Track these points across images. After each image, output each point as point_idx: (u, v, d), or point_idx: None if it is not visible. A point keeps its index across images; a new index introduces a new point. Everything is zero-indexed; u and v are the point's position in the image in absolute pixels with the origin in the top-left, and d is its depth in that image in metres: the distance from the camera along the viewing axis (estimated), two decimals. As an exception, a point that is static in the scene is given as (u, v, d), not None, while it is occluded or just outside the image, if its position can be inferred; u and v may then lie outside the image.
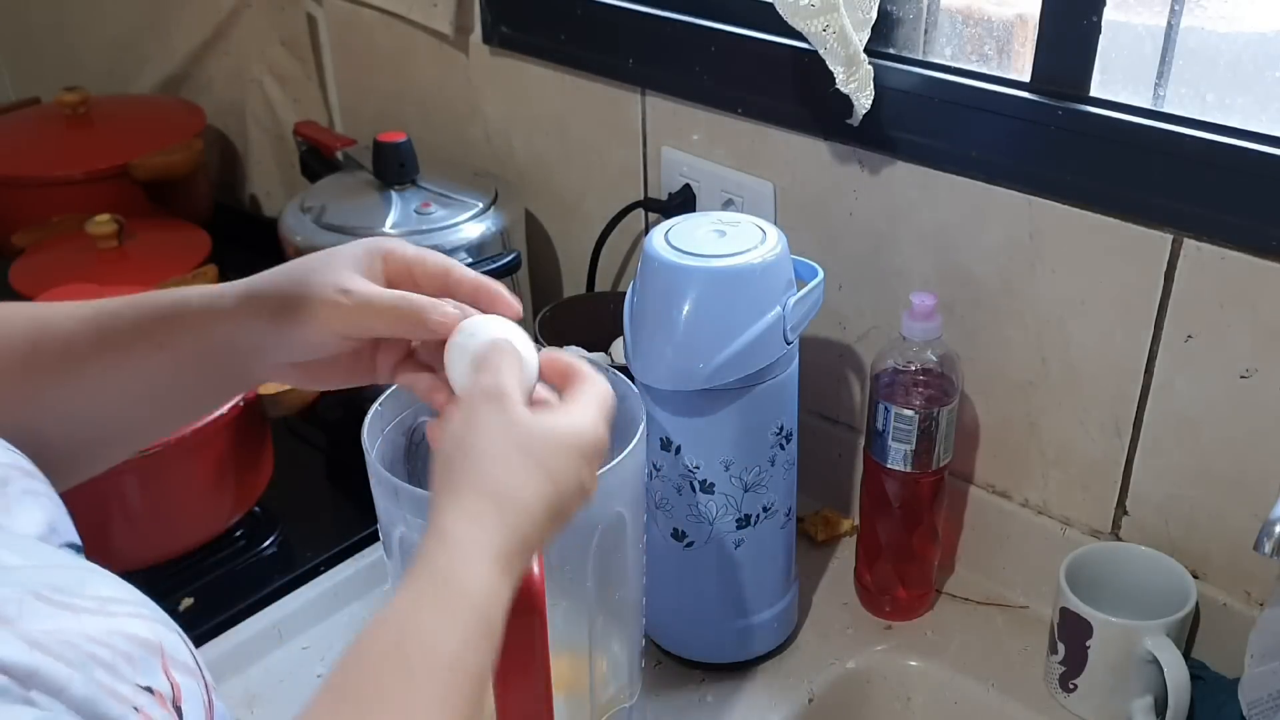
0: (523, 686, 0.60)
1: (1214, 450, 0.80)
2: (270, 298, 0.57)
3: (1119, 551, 0.85)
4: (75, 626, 0.40)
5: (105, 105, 1.48)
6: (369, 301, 0.56)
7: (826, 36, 0.81)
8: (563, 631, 0.70)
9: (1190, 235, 0.76)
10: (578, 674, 0.74)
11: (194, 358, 0.58)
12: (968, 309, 0.89)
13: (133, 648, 0.41)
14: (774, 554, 0.86)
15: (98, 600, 0.42)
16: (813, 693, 0.87)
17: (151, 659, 0.42)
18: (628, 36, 1.03)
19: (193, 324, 0.58)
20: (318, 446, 1.19)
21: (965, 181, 0.85)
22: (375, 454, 0.68)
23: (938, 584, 0.95)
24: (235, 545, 1.01)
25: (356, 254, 0.58)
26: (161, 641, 0.43)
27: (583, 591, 0.71)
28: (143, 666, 0.41)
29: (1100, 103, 0.78)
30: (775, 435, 0.82)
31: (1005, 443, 0.92)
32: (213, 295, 0.58)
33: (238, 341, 0.58)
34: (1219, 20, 0.78)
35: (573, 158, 1.15)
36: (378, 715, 0.43)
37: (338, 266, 0.57)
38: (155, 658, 0.42)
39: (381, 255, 0.58)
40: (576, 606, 0.72)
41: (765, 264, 0.76)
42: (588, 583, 0.70)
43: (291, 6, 1.40)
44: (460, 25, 1.18)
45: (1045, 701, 0.85)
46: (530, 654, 0.59)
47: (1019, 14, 0.85)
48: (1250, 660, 0.73)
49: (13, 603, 0.39)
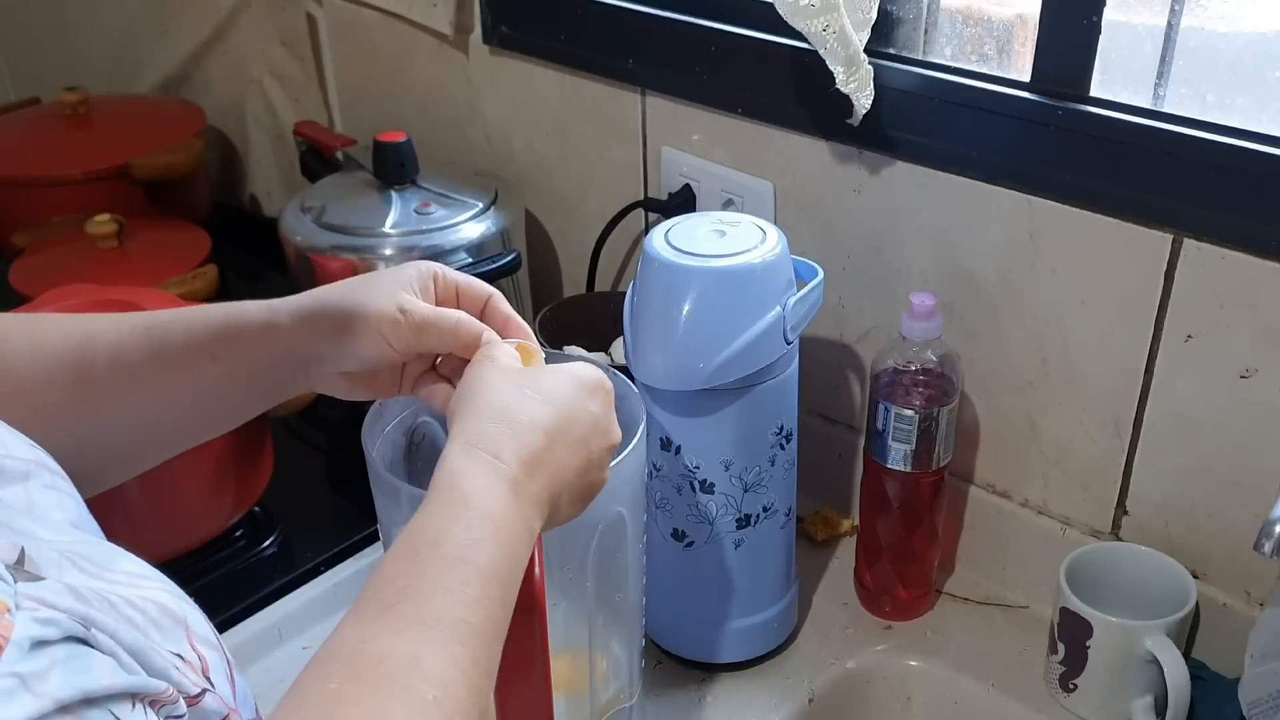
0: (523, 686, 0.60)
1: (1214, 450, 0.80)
2: (333, 315, 0.61)
3: (1119, 551, 0.85)
4: (110, 590, 0.41)
5: (105, 105, 1.48)
6: (428, 321, 0.60)
7: (826, 36, 0.81)
8: (563, 631, 0.70)
9: (1190, 235, 0.76)
10: (578, 674, 0.74)
11: (248, 370, 0.62)
12: (968, 309, 0.89)
13: (162, 617, 0.42)
14: (774, 554, 0.86)
15: (125, 574, 0.44)
16: (813, 693, 0.87)
17: (178, 630, 0.43)
18: (628, 36, 1.03)
19: (251, 339, 0.61)
20: (318, 446, 1.19)
21: (965, 181, 0.85)
22: (375, 454, 0.68)
23: (938, 584, 0.95)
24: (235, 545, 1.01)
25: (410, 275, 0.62)
26: (187, 616, 0.44)
27: (583, 591, 0.71)
28: (171, 635, 0.42)
29: (1100, 102, 0.78)
30: (775, 435, 0.82)
31: (1005, 442, 0.92)
32: (270, 310, 0.62)
33: (294, 355, 0.62)
34: (1219, 20, 0.78)
35: (573, 158, 1.15)
36: (401, 605, 0.47)
37: (395, 287, 0.61)
38: (181, 629, 0.43)
39: (432, 277, 0.63)
40: (577, 606, 0.72)
41: (765, 264, 0.76)
42: (588, 582, 0.70)
43: (291, 6, 1.40)
44: (460, 25, 1.18)
45: (1045, 701, 0.85)
46: (531, 653, 0.59)
47: (1019, 14, 0.85)
48: (1250, 660, 0.73)
49: (52, 564, 0.40)
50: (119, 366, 0.61)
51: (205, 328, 0.61)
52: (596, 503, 0.60)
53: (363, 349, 0.60)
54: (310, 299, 0.62)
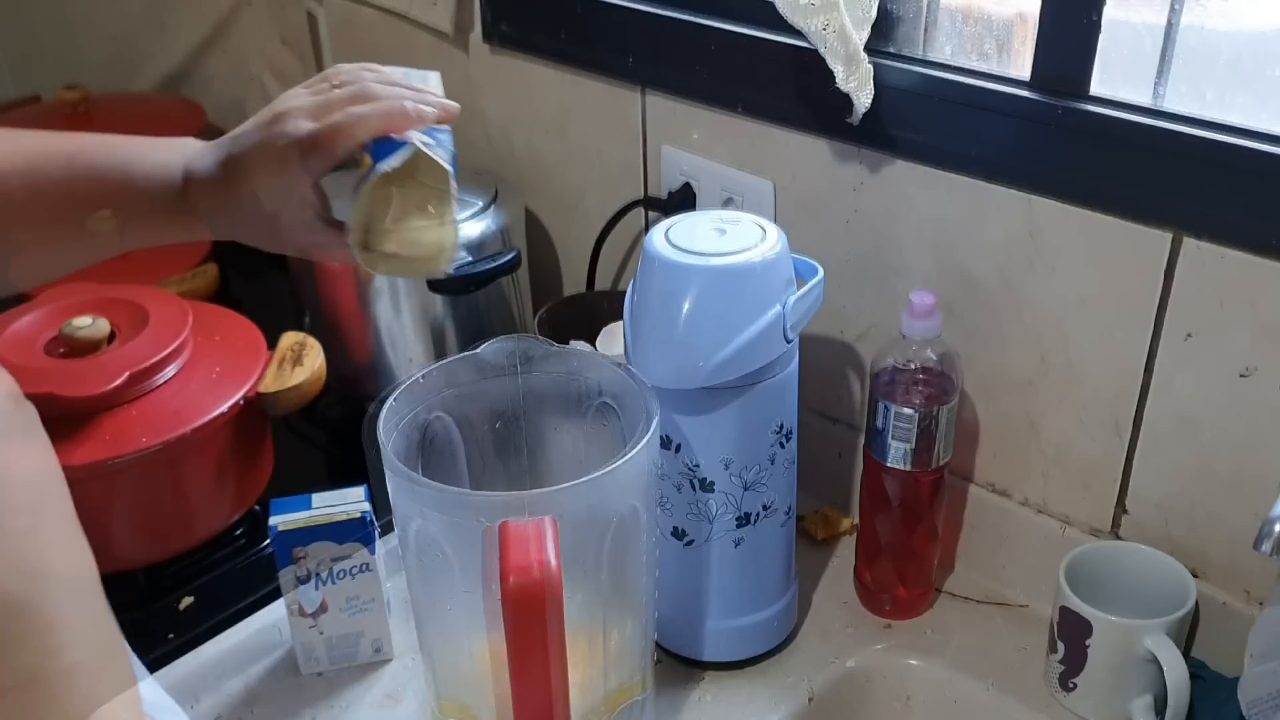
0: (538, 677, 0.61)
1: (1214, 449, 0.80)
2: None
3: (1119, 550, 0.85)
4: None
5: (105, 103, 1.48)
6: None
7: (826, 35, 0.81)
8: (577, 622, 0.70)
9: (1190, 233, 0.76)
10: (591, 665, 0.75)
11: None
12: (968, 307, 0.89)
13: None
14: (774, 553, 0.86)
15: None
16: (813, 692, 0.87)
17: None
18: (628, 35, 1.03)
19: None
20: (318, 445, 1.19)
21: (965, 180, 0.85)
22: (390, 448, 0.68)
23: (937, 583, 0.95)
24: (235, 544, 1.01)
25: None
26: None
27: (597, 584, 0.71)
28: None
29: (1100, 101, 0.78)
30: (775, 434, 0.82)
31: (1005, 441, 0.92)
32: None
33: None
34: (1219, 18, 0.78)
35: (573, 156, 1.15)
36: None
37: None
38: None
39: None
40: (590, 598, 0.72)
41: (765, 262, 0.76)
42: (602, 575, 0.70)
43: (292, 4, 1.40)
44: (460, 23, 1.18)
45: (1045, 700, 0.85)
46: (546, 645, 0.60)
47: (1019, 12, 0.85)
48: (1250, 659, 0.73)
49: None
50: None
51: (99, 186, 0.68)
52: (611, 496, 0.61)
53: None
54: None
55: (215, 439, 0.94)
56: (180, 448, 0.91)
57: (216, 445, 0.95)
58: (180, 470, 0.94)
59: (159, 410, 0.93)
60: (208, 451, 0.95)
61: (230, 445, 0.96)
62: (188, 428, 0.91)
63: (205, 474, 0.96)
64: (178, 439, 0.91)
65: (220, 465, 0.96)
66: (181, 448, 0.91)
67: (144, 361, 0.93)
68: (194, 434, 0.92)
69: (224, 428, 0.94)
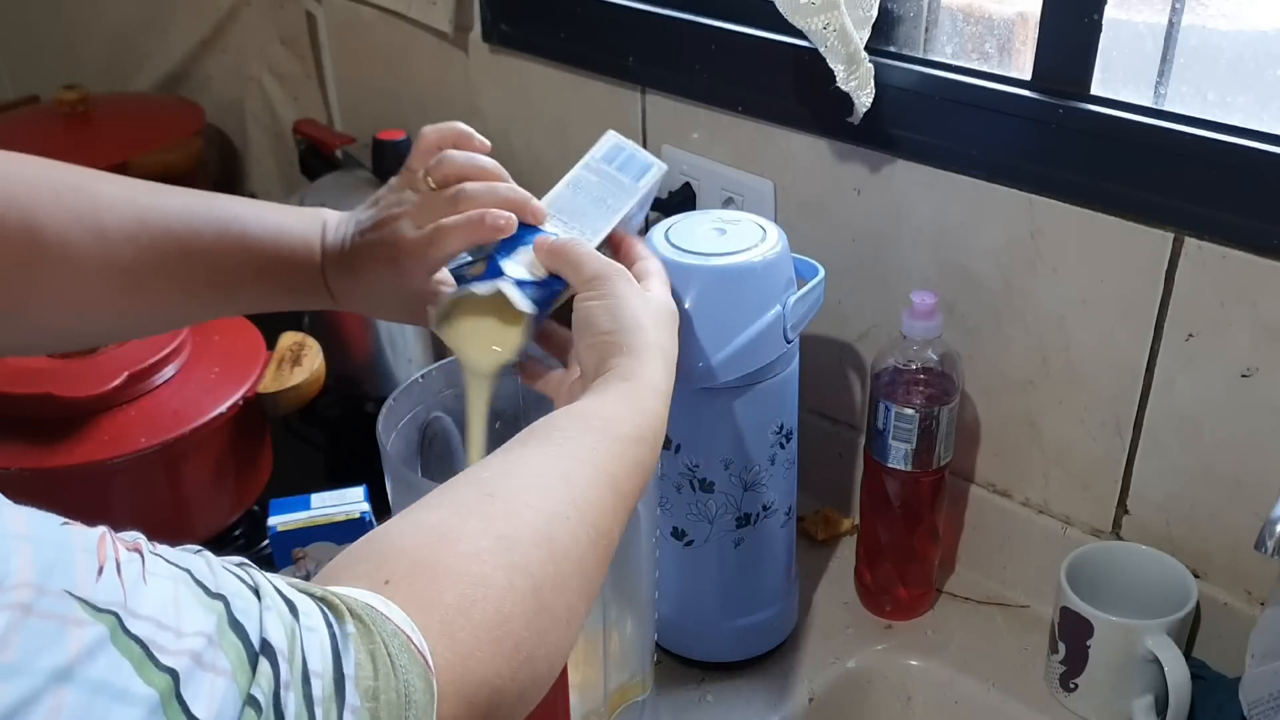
0: None
1: (1215, 449, 0.80)
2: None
3: (1120, 551, 0.85)
4: None
5: (104, 103, 1.47)
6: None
7: (827, 34, 0.81)
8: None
9: (1191, 234, 0.76)
10: (592, 665, 0.74)
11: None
12: (968, 308, 0.89)
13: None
14: (774, 553, 0.86)
15: None
16: (813, 692, 0.87)
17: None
18: (628, 35, 1.03)
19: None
20: (317, 446, 1.19)
21: (966, 180, 0.85)
22: (390, 448, 0.68)
23: (938, 583, 0.95)
24: (235, 545, 1.01)
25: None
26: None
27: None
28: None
29: (1101, 101, 0.78)
30: (775, 434, 0.81)
31: (1006, 442, 0.91)
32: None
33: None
34: (1220, 18, 0.78)
35: (573, 156, 1.15)
36: (565, 445, 0.54)
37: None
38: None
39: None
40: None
41: (765, 262, 0.76)
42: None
43: (291, 4, 1.40)
44: (460, 23, 1.18)
45: (1046, 701, 0.85)
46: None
47: (1020, 12, 0.85)
48: (1251, 660, 0.73)
49: None
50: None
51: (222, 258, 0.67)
52: None
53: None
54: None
55: (214, 439, 0.94)
56: (179, 448, 0.91)
57: (215, 446, 0.95)
58: (179, 471, 0.94)
59: (158, 410, 0.93)
60: (206, 452, 0.94)
61: (229, 446, 0.96)
62: (186, 428, 0.91)
63: (204, 474, 0.96)
64: (176, 439, 0.90)
65: (219, 466, 0.96)
66: (180, 448, 0.91)
67: (143, 362, 0.93)
68: (193, 434, 0.91)
69: (223, 428, 0.94)
